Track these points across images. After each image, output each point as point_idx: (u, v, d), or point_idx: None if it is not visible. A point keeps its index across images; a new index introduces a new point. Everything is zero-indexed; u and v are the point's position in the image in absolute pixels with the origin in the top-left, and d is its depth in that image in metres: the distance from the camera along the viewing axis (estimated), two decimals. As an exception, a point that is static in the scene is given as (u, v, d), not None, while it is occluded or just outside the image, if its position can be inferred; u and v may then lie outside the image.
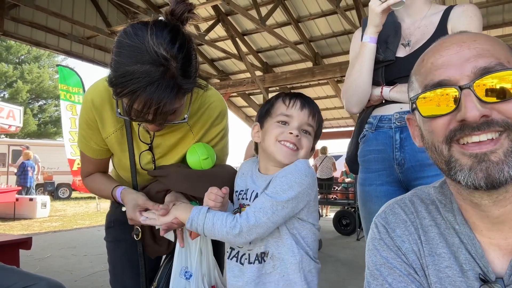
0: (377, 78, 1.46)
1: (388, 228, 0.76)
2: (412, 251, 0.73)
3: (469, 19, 1.33)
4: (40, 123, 27.44)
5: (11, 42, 25.46)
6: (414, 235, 0.74)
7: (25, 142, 16.72)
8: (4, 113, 9.28)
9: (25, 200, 9.28)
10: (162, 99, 0.93)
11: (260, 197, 1.04)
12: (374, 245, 0.77)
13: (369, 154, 1.49)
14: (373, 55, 1.43)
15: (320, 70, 8.17)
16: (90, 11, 7.81)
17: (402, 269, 0.72)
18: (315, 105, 1.16)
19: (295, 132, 1.08)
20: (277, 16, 7.74)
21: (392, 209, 0.79)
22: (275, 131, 1.10)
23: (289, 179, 1.02)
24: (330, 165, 9.72)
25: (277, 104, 1.15)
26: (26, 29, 6.89)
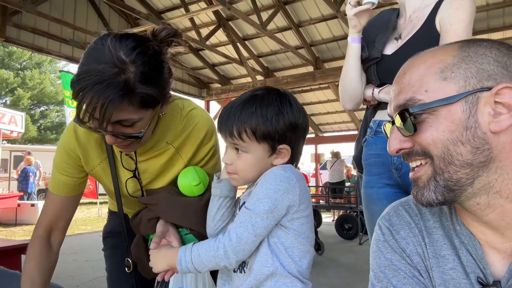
0: (371, 76, 1.49)
1: (392, 230, 0.76)
2: (417, 253, 0.73)
3: (455, 11, 1.31)
4: (40, 129, 27.51)
5: (13, 48, 25.59)
6: (418, 237, 0.74)
7: (26, 147, 16.74)
8: (6, 119, 9.30)
9: (27, 206, 9.27)
10: (108, 98, 0.87)
11: (240, 211, 0.98)
12: (378, 247, 0.77)
13: (370, 158, 1.52)
14: (357, 54, 1.49)
15: (321, 74, 8.21)
16: (91, 17, 7.87)
17: (406, 271, 0.72)
18: (234, 115, 0.97)
19: (224, 160, 1.03)
20: (277, 21, 7.78)
21: (396, 210, 0.79)
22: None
23: (264, 188, 0.94)
24: (341, 168, 9.55)
25: None
26: (28, 35, 6.94)
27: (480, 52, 0.64)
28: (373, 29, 1.51)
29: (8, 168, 15.19)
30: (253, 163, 0.99)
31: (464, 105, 0.61)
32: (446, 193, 0.63)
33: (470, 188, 0.62)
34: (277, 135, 0.97)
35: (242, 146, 0.97)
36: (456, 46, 0.67)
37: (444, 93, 0.62)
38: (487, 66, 0.62)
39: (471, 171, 0.61)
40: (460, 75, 0.62)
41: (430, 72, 0.65)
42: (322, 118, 12.25)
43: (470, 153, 0.60)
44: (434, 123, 0.62)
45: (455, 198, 0.63)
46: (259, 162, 0.99)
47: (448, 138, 0.61)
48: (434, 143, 0.62)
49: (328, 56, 8.75)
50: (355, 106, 1.56)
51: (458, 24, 1.29)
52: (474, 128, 0.60)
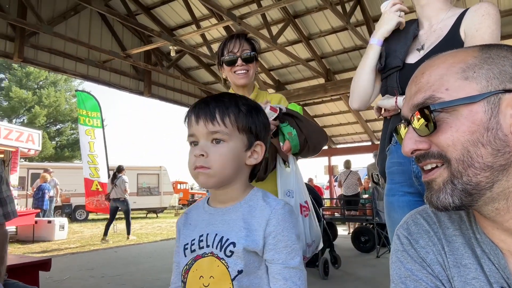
0: (392, 84, 1.50)
1: (411, 239, 0.74)
2: (437, 262, 0.71)
3: (480, 18, 1.32)
4: (57, 147, 28.02)
5: (30, 69, 26.36)
6: (438, 246, 0.71)
7: (43, 165, 17.05)
8: (24, 137, 9.52)
9: (44, 223, 9.38)
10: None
11: (282, 273, 0.90)
12: (397, 257, 0.75)
13: (393, 166, 1.53)
14: (376, 57, 1.53)
15: (332, 86, 8.20)
16: (105, 36, 8.06)
17: (428, 281, 0.69)
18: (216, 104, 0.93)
19: (196, 152, 0.91)
20: (288, 34, 7.84)
21: (414, 219, 0.77)
22: (189, 156, 0.95)
23: (290, 234, 0.91)
24: (355, 180, 9.32)
25: (187, 126, 0.98)
26: (45, 55, 7.14)
27: (501, 54, 0.63)
28: (392, 39, 1.54)
29: (26, 186, 15.46)
30: (229, 155, 0.92)
31: (486, 106, 0.59)
32: (464, 197, 0.61)
33: (489, 193, 0.60)
34: (255, 129, 0.96)
35: (223, 133, 0.91)
36: (476, 48, 0.66)
37: (465, 92, 0.61)
38: (509, 69, 0.61)
39: (491, 174, 0.59)
40: (482, 75, 0.61)
41: (451, 71, 0.64)
42: (334, 130, 12.19)
43: (490, 155, 0.59)
44: (454, 123, 0.61)
45: (473, 202, 0.61)
46: (235, 156, 0.93)
47: (468, 140, 0.59)
48: (454, 145, 0.61)
49: (339, 67, 8.75)
50: (362, 107, 1.62)
51: (484, 30, 1.30)
52: (495, 129, 0.59)
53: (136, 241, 8.86)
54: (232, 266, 0.89)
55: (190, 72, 9.91)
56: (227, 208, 0.97)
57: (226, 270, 0.89)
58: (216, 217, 0.97)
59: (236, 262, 0.89)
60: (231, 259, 0.89)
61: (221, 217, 0.96)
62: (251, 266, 0.90)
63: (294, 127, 1.67)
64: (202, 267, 0.92)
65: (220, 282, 0.89)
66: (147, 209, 18.54)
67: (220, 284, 0.89)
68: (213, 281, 0.89)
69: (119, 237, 9.48)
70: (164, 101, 9.64)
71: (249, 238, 0.90)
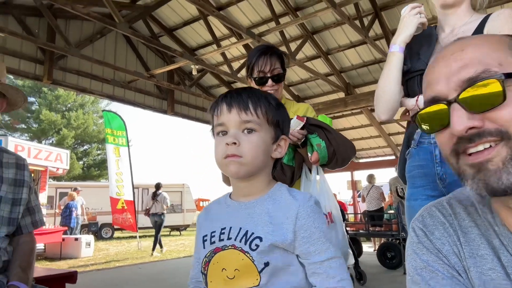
0: (414, 87, 1.49)
1: (426, 231, 0.73)
2: (453, 252, 0.70)
3: (503, 21, 1.32)
4: (84, 167, 28.84)
5: (59, 92, 27.50)
6: (454, 237, 0.70)
7: (71, 184, 17.54)
8: (53, 157, 9.87)
9: (71, 240, 9.59)
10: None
11: (322, 267, 0.89)
12: (413, 250, 0.74)
13: (414, 170, 1.50)
14: (400, 65, 1.48)
15: (352, 99, 8.17)
16: (130, 57, 8.38)
17: (444, 272, 0.68)
18: (248, 95, 0.95)
19: (228, 140, 0.90)
20: (306, 50, 7.92)
21: (429, 212, 0.76)
22: (216, 146, 0.95)
23: (322, 228, 0.92)
24: (377, 195, 9.06)
25: (213, 117, 0.99)
26: (73, 77, 7.46)
27: None
28: (414, 42, 1.52)
29: (54, 204, 15.91)
30: (260, 145, 0.93)
31: None
32: None
33: None
34: (282, 124, 0.99)
35: (255, 123, 0.92)
36: (504, 35, 0.67)
37: None
38: None
39: None
40: None
41: (498, 48, 0.63)
42: (356, 144, 12.04)
43: None
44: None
45: None
46: (265, 147, 0.94)
47: None
48: None
49: (358, 81, 8.73)
50: (391, 116, 1.56)
51: (507, 32, 1.29)
52: None
53: (160, 257, 8.91)
54: (257, 260, 0.87)
55: (211, 90, 10.10)
56: (251, 202, 0.96)
57: (251, 263, 0.87)
58: (239, 211, 0.97)
59: (262, 255, 0.87)
60: (256, 252, 0.87)
61: (245, 211, 0.96)
62: (279, 261, 0.88)
63: (323, 139, 1.68)
64: (223, 260, 0.91)
65: (246, 275, 0.87)
66: (170, 227, 18.67)
67: (247, 276, 0.87)
68: (238, 274, 0.88)
69: (143, 254, 9.56)
70: (187, 118, 9.84)
71: (276, 233, 0.89)
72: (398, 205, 6.77)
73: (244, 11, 7.28)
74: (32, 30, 6.63)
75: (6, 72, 1.54)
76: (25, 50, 6.73)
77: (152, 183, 17.75)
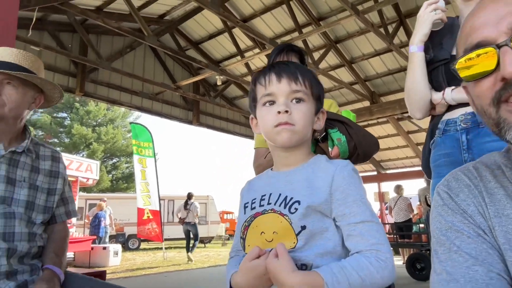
0: (438, 78, 1.47)
1: (451, 194, 0.72)
2: (478, 213, 0.68)
3: None
4: (113, 179, 29.59)
5: (90, 107, 28.54)
6: (478, 198, 0.69)
7: (100, 196, 18.01)
8: (83, 167, 10.21)
9: (99, 249, 9.81)
10: None
11: (361, 226, 0.87)
12: (438, 212, 0.73)
13: (439, 159, 1.47)
14: (423, 62, 1.47)
15: (378, 108, 8.07)
16: (158, 70, 8.65)
17: (470, 231, 0.67)
18: (295, 66, 0.99)
19: (281, 108, 0.92)
20: (329, 59, 7.93)
21: (454, 176, 0.75)
22: (264, 116, 0.96)
23: (359, 191, 0.91)
24: (405, 206, 8.75)
25: (257, 88, 1.00)
26: (104, 89, 7.77)
27: None
28: (436, 33, 1.51)
29: (83, 215, 16.36)
30: (308, 115, 0.96)
31: None
32: None
33: None
34: (321, 97, 1.02)
35: (303, 93, 0.95)
36: None
37: None
38: None
39: None
40: None
41: None
42: (383, 154, 11.82)
43: None
44: None
45: None
46: (311, 118, 0.98)
47: None
48: None
49: (384, 90, 8.63)
50: (426, 114, 1.55)
51: None
52: None
53: (184, 267, 8.97)
54: (295, 222, 0.88)
55: (235, 101, 10.24)
56: (291, 171, 0.99)
57: (289, 226, 0.88)
58: (279, 179, 0.99)
59: (299, 218, 0.88)
60: (295, 215, 0.88)
61: (285, 178, 0.98)
62: (315, 225, 0.89)
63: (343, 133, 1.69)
64: (262, 223, 0.92)
65: (284, 237, 0.88)
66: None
67: (284, 238, 0.88)
68: (276, 236, 0.89)
69: (169, 263, 9.65)
70: (211, 129, 9.99)
71: (313, 196, 0.90)
72: (427, 214, 6.56)
73: (268, 23, 7.41)
74: (66, 44, 6.98)
75: (44, 66, 1.64)
76: (59, 64, 7.08)
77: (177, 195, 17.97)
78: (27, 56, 1.51)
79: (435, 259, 0.70)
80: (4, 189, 1.40)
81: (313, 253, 0.87)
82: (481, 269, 0.63)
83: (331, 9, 6.78)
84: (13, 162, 1.46)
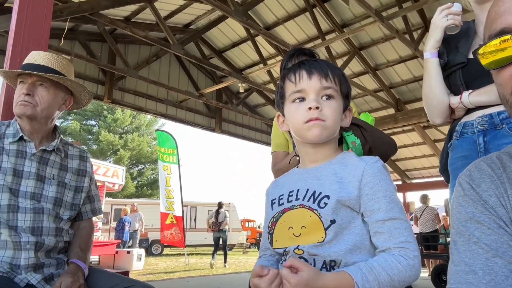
0: (456, 82, 1.46)
1: (473, 184, 0.71)
2: (500, 204, 0.66)
3: None
4: (137, 186, 30.19)
5: (117, 115, 29.34)
6: (500, 189, 0.67)
7: (125, 201, 18.39)
8: (110, 173, 10.46)
9: (123, 253, 9.99)
10: None
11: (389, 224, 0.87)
12: (458, 203, 0.71)
13: (457, 162, 1.45)
14: (438, 68, 1.47)
15: (403, 116, 7.92)
16: (182, 78, 8.84)
17: (491, 223, 0.65)
18: (325, 63, 0.99)
19: (312, 104, 0.92)
20: (353, 66, 7.87)
21: (477, 166, 0.74)
22: (294, 112, 0.97)
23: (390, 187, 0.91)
24: (432, 216, 8.45)
25: (286, 85, 1.00)
26: (130, 97, 8.00)
27: None
28: (451, 38, 1.51)
29: (109, 220, 16.74)
30: (337, 112, 0.96)
31: None
32: None
33: None
34: (349, 94, 1.03)
35: (333, 90, 0.96)
36: None
37: None
38: None
39: None
40: None
41: None
42: (409, 163, 11.55)
43: None
44: None
45: None
46: (340, 114, 0.98)
47: None
48: None
49: (409, 97, 8.47)
50: (446, 119, 1.54)
51: None
52: None
53: (206, 272, 9.01)
54: (324, 216, 0.88)
55: (258, 109, 10.29)
56: (318, 167, 0.99)
57: (318, 220, 0.88)
58: (307, 175, 1.00)
59: (329, 212, 0.88)
60: (324, 210, 0.89)
61: (312, 174, 0.99)
62: (344, 219, 0.89)
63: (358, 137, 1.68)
64: (290, 218, 0.93)
65: (313, 231, 0.88)
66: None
67: (313, 233, 0.88)
68: (305, 231, 0.89)
69: (190, 269, 9.73)
70: (234, 136, 10.08)
71: (342, 190, 0.90)
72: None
73: (291, 30, 7.45)
74: (95, 53, 7.26)
75: (74, 72, 1.72)
76: (89, 72, 7.35)
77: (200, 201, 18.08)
78: (58, 59, 1.59)
79: (454, 250, 0.68)
80: (34, 185, 1.47)
81: (341, 248, 0.88)
82: (501, 261, 0.62)
83: (355, 16, 6.76)
84: (43, 160, 1.54)
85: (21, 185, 1.45)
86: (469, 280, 0.63)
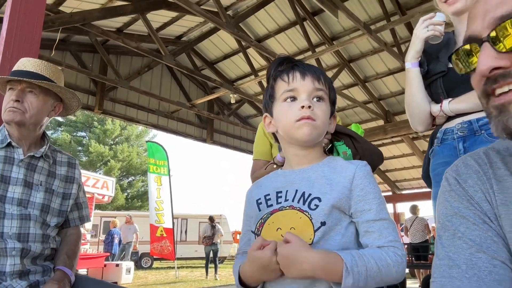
0: (437, 90, 1.50)
1: (460, 179, 0.71)
2: (485, 200, 0.67)
3: None
4: (127, 198, 29.84)
5: (107, 126, 29.15)
6: (486, 185, 0.68)
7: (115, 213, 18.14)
8: (99, 184, 10.36)
9: (112, 266, 9.83)
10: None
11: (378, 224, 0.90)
12: (444, 197, 0.72)
13: (438, 168, 1.48)
14: (419, 77, 1.51)
15: (392, 127, 8.03)
16: (174, 89, 8.86)
17: (476, 218, 0.66)
18: (317, 68, 1.02)
19: (305, 103, 0.94)
20: (343, 78, 7.98)
21: (464, 161, 0.74)
22: (285, 111, 0.97)
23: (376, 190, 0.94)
24: (422, 227, 8.51)
25: (277, 85, 1.01)
26: (121, 108, 7.98)
27: None
28: (432, 48, 1.55)
29: (98, 232, 16.46)
30: (326, 114, 0.99)
31: None
32: None
33: None
34: (335, 102, 1.06)
35: (324, 92, 0.99)
36: None
37: None
38: None
39: None
40: None
41: None
42: (398, 174, 11.64)
43: None
44: None
45: None
46: (328, 117, 1.01)
47: None
48: None
49: (398, 108, 8.59)
50: (428, 126, 1.57)
51: None
52: None
53: (196, 285, 8.90)
54: (315, 218, 0.90)
55: (249, 119, 10.34)
56: (306, 168, 1.00)
57: (309, 221, 0.90)
58: (294, 176, 1.00)
59: (320, 215, 0.90)
60: (315, 212, 0.90)
61: (300, 175, 0.99)
62: (333, 221, 0.91)
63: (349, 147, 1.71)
64: (279, 220, 0.94)
65: (302, 232, 0.89)
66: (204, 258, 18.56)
67: (302, 234, 0.88)
68: (294, 232, 0.89)
69: (181, 282, 9.59)
70: (225, 147, 10.08)
71: (333, 192, 0.92)
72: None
73: (281, 43, 7.55)
74: (87, 64, 7.25)
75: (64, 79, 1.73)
76: (79, 83, 7.34)
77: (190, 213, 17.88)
78: (48, 66, 1.60)
79: (439, 245, 0.69)
80: (21, 191, 1.47)
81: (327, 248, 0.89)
82: (485, 256, 0.63)
83: (344, 29, 6.89)
84: (31, 166, 1.53)
85: (8, 191, 1.44)
86: (452, 274, 0.64)
